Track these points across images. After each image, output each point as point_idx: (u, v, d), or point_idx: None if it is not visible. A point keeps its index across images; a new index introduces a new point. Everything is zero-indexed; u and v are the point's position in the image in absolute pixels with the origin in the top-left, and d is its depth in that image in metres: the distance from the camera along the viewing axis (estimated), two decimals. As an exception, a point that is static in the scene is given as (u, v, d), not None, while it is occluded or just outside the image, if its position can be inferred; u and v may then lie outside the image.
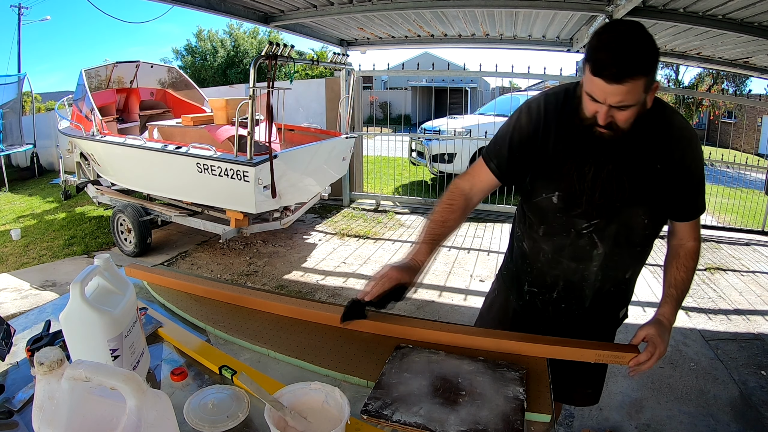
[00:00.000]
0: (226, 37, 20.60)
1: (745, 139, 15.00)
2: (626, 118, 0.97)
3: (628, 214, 1.07)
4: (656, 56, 0.93)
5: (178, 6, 3.97)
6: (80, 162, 5.48)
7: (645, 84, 0.92)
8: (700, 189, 1.11)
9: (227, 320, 1.14)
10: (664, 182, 1.06)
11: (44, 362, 0.58)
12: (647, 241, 1.15)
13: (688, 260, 1.14)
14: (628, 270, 1.19)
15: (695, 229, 1.15)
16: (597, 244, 1.11)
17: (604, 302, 1.21)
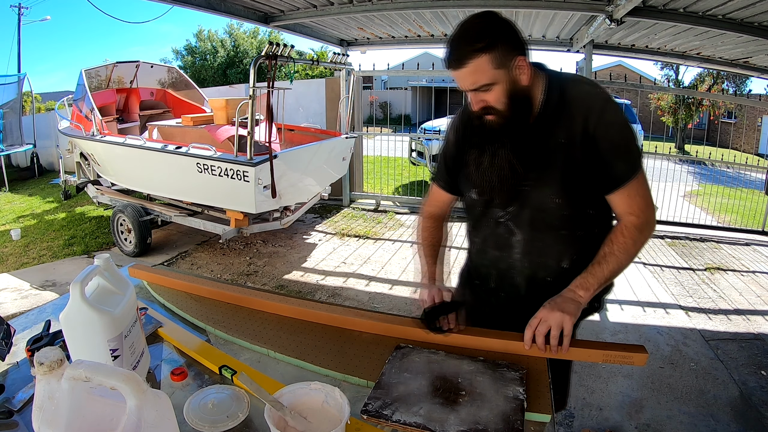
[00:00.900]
0: (226, 37, 20.60)
1: (745, 139, 15.00)
2: (496, 98, 0.99)
3: (537, 196, 1.06)
4: (494, 34, 0.94)
5: (178, 6, 3.97)
6: (80, 162, 5.49)
7: (492, 61, 0.94)
8: (618, 155, 1.03)
9: (227, 320, 1.14)
10: (572, 157, 1.02)
11: (44, 362, 0.58)
12: (569, 223, 1.09)
13: (618, 235, 1.06)
14: (561, 257, 1.12)
15: (631, 201, 1.05)
16: (514, 231, 1.12)
17: (545, 292, 1.12)
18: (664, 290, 3.66)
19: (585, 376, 2.48)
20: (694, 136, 15.74)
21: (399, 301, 3.38)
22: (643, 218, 1.05)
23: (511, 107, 1.00)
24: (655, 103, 15.17)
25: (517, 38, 0.99)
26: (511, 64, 0.97)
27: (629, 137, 1.04)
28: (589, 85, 1.08)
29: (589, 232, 1.11)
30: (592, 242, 1.11)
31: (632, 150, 1.04)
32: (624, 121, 1.04)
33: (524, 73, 0.99)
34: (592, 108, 1.02)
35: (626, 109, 7.56)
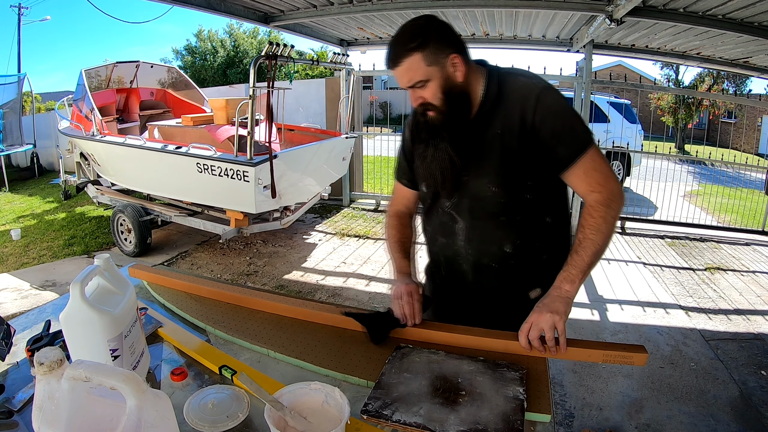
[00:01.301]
0: (226, 37, 20.59)
1: (745, 139, 15.00)
2: (431, 94, 1.04)
3: (475, 186, 1.11)
4: (426, 33, 1.00)
5: (178, 6, 3.97)
6: (80, 162, 5.49)
7: (424, 59, 1.00)
8: (560, 138, 1.05)
9: (227, 320, 1.14)
10: (508, 147, 1.06)
11: (44, 362, 0.58)
12: (507, 210, 1.11)
13: (587, 217, 1.06)
14: (503, 243, 1.14)
15: (588, 179, 1.06)
16: (456, 218, 1.16)
17: (491, 278, 1.18)
18: (664, 290, 3.66)
19: (585, 376, 2.49)
20: (694, 136, 15.73)
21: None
22: (606, 192, 1.06)
23: (447, 102, 1.05)
24: (655, 103, 15.16)
25: (451, 37, 1.04)
26: (445, 62, 1.02)
27: (570, 119, 1.06)
28: (526, 77, 1.11)
29: (528, 218, 1.14)
30: (533, 227, 1.15)
31: (576, 130, 1.06)
32: (562, 105, 1.06)
33: (459, 69, 1.04)
34: (528, 98, 1.05)
35: (626, 109, 7.56)
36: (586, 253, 1.04)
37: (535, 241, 1.16)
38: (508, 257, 1.16)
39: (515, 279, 1.20)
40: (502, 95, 1.07)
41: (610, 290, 3.65)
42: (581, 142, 1.05)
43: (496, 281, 1.19)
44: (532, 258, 1.18)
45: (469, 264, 1.19)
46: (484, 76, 1.09)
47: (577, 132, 1.06)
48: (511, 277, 1.19)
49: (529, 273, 1.19)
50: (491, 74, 1.10)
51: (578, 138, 1.06)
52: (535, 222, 1.15)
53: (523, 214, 1.13)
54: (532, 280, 1.20)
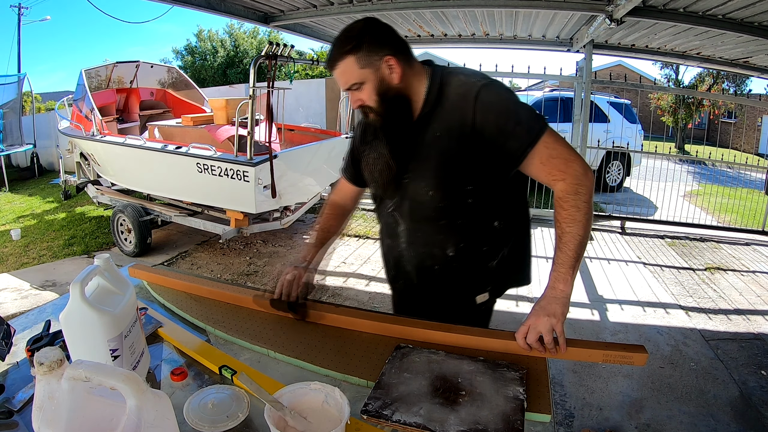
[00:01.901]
0: (226, 37, 20.58)
1: (745, 139, 15.00)
2: (367, 96, 1.03)
3: (414, 189, 1.09)
4: (361, 36, 1.00)
5: (178, 6, 3.97)
6: (80, 162, 5.49)
7: (358, 62, 1.00)
8: (507, 134, 1.00)
9: (227, 320, 1.14)
10: (446, 149, 1.03)
11: (44, 362, 0.58)
12: (446, 214, 1.09)
13: (559, 210, 1.02)
14: (444, 246, 1.12)
15: (548, 167, 1.02)
16: (398, 221, 1.16)
17: (434, 282, 1.17)
18: (664, 290, 3.66)
19: (585, 376, 2.49)
20: (694, 136, 15.73)
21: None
22: (570, 178, 1.01)
23: (382, 104, 1.04)
24: (655, 103, 15.16)
25: (388, 39, 1.03)
26: (379, 64, 1.01)
27: (514, 111, 1.02)
28: (465, 75, 1.07)
29: (472, 222, 1.11)
30: (479, 231, 1.12)
31: (522, 121, 1.01)
32: (503, 99, 1.02)
33: (394, 71, 1.02)
34: (466, 97, 1.01)
35: (626, 109, 7.56)
36: (569, 247, 1.00)
37: (481, 245, 1.14)
38: (451, 260, 1.14)
39: (460, 282, 1.18)
40: (443, 96, 1.04)
41: (610, 290, 3.65)
42: (530, 132, 1.00)
43: (440, 284, 1.18)
44: (478, 262, 1.16)
45: (413, 266, 1.19)
46: (428, 76, 1.07)
47: (525, 122, 1.01)
48: (456, 281, 1.18)
49: (475, 277, 1.18)
50: (434, 75, 1.07)
51: (527, 128, 1.01)
52: (480, 226, 1.12)
53: (465, 218, 1.10)
54: (479, 284, 1.19)
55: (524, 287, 1.34)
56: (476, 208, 1.09)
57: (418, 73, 1.07)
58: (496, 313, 1.37)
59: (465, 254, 1.13)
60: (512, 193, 1.16)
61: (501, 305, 3.93)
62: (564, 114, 6.72)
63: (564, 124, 6.53)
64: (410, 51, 1.07)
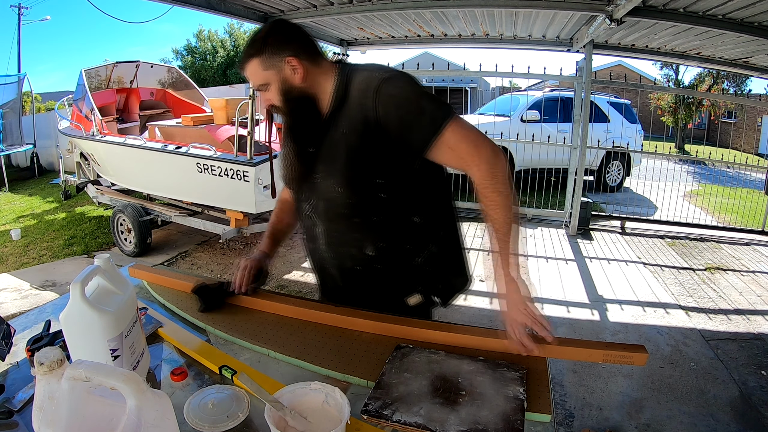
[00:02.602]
0: (226, 37, 20.59)
1: (745, 139, 15.00)
2: (273, 96, 1.06)
3: (324, 187, 1.09)
4: (264, 39, 1.02)
5: (178, 6, 3.96)
6: (80, 162, 5.49)
7: (261, 64, 1.03)
8: (410, 126, 1.00)
9: (227, 320, 1.14)
10: (353, 146, 1.03)
11: (44, 362, 0.58)
12: (359, 211, 1.08)
13: (482, 198, 1.01)
14: (363, 245, 1.11)
15: (458, 154, 1.01)
16: (316, 222, 1.15)
17: (359, 282, 1.16)
18: (664, 290, 3.66)
19: (585, 376, 2.49)
20: (694, 136, 15.73)
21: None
22: (483, 163, 0.99)
23: (286, 105, 1.06)
24: (655, 103, 15.16)
25: (293, 40, 1.04)
26: (281, 65, 1.02)
27: (417, 101, 1.00)
28: (368, 70, 1.05)
29: (388, 219, 1.09)
30: (398, 228, 1.10)
31: (425, 111, 1.00)
32: (405, 91, 1.00)
33: (297, 72, 1.03)
34: (368, 92, 1.00)
35: (626, 109, 7.56)
36: (502, 233, 1.00)
37: (402, 242, 1.12)
38: (373, 260, 1.12)
39: (386, 284, 1.16)
40: (348, 93, 1.04)
41: (610, 290, 3.65)
42: (434, 121, 0.99)
43: (365, 285, 1.17)
44: (402, 261, 1.14)
45: (335, 268, 1.19)
46: (336, 74, 1.06)
47: (428, 112, 1.00)
48: (381, 282, 1.16)
49: (401, 277, 1.15)
50: (341, 73, 1.06)
51: (430, 118, 0.99)
52: (398, 222, 1.10)
53: (380, 215, 1.08)
54: (407, 285, 1.17)
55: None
56: (391, 204, 1.08)
57: (326, 71, 1.07)
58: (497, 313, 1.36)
59: (386, 253, 1.12)
60: (430, 187, 1.12)
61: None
62: (564, 114, 6.72)
63: (564, 124, 6.53)
64: (317, 51, 1.07)
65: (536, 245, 4.73)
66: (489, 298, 3.44)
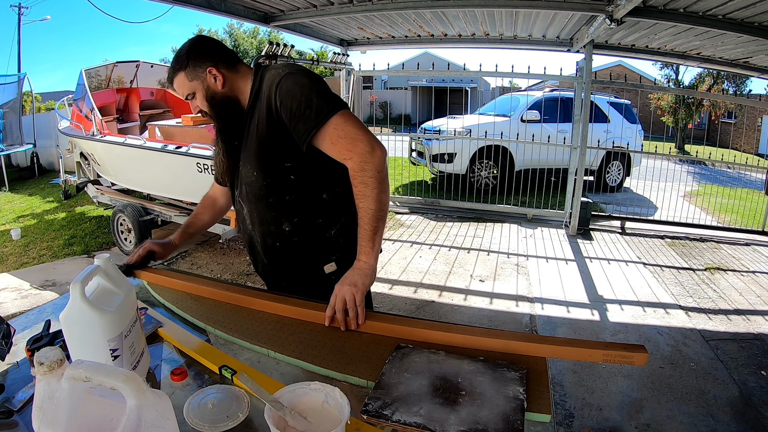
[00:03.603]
0: (226, 37, 20.62)
1: (745, 139, 15.00)
2: (200, 103, 1.20)
3: (244, 174, 1.23)
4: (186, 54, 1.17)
5: (178, 6, 3.96)
6: (80, 162, 5.49)
7: (186, 76, 1.17)
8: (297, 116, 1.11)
9: (227, 320, 1.14)
10: (261, 136, 1.17)
11: (44, 362, 0.58)
12: (273, 191, 1.21)
13: (353, 189, 1.13)
14: (280, 222, 1.24)
15: (337, 147, 1.11)
16: (242, 205, 1.29)
17: (279, 258, 1.29)
18: (664, 290, 3.66)
19: (585, 376, 2.49)
20: (694, 136, 15.74)
21: (399, 301, 3.38)
22: (356, 157, 1.10)
23: (213, 108, 1.20)
24: (655, 103, 15.17)
25: (212, 52, 1.19)
26: (204, 75, 1.17)
27: (308, 95, 1.10)
28: (276, 68, 1.18)
29: (300, 197, 1.22)
30: (310, 205, 1.24)
31: (312, 104, 1.10)
32: (299, 85, 1.11)
33: (218, 79, 1.18)
34: (271, 86, 1.13)
35: (626, 109, 7.56)
36: (365, 222, 1.11)
37: (314, 217, 1.25)
38: (290, 235, 1.25)
39: (304, 255, 1.28)
40: (260, 90, 1.17)
41: (610, 290, 3.65)
42: (319, 114, 1.09)
43: (285, 260, 1.29)
44: (316, 234, 1.26)
45: (261, 246, 1.30)
46: (252, 76, 1.21)
47: (315, 105, 1.10)
48: (299, 254, 1.28)
49: (317, 249, 1.27)
50: (257, 73, 1.21)
51: (316, 111, 1.09)
52: (310, 200, 1.23)
53: (292, 194, 1.21)
54: (323, 255, 1.29)
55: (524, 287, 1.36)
56: (300, 184, 1.21)
57: (245, 75, 1.22)
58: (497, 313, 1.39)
59: (301, 228, 1.25)
60: (336, 167, 1.18)
61: (500, 305, 3.90)
62: (564, 114, 6.72)
63: (564, 124, 6.53)
64: (235, 59, 1.24)
65: (536, 245, 4.73)
66: (489, 298, 3.44)
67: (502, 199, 6.03)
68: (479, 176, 6.70)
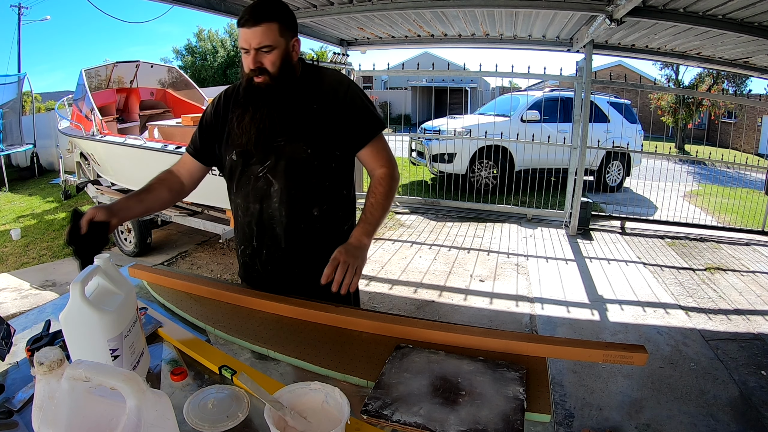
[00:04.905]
0: (226, 37, 20.61)
1: (745, 139, 15.00)
2: (272, 61, 1.18)
3: (291, 149, 1.23)
4: (284, 10, 1.20)
5: (178, 6, 3.96)
6: (80, 162, 5.49)
7: (279, 30, 1.17)
8: (362, 115, 1.29)
9: (227, 320, 1.14)
10: (323, 118, 1.24)
11: (44, 362, 0.58)
12: (317, 174, 1.26)
13: (377, 185, 1.30)
14: (312, 204, 1.27)
15: (377, 156, 1.31)
16: (272, 181, 1.26)
17: (300, 241, 1.29)
18: (664, 290, 3.66)
19: (585, 376, 2.49)
20: (694, 136, 15.74)
21: (399, 301, 3.38)
22: (391, 167, 1.33)
23: (281, 71, 1.20)
24: (655, 103, 15.17)
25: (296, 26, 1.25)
26: (290, 40, 1.21)
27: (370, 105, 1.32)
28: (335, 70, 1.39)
29: (332, 186, 1.30)
30: (336, 196, 1.31)
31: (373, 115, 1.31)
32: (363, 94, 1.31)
33: (296, 51, 1.25)
34: (341, 85, 1.29)
35: (626, 109, 7.56)
36: (378, 213, 1.27)
37: (338, 210, 1.33)
38: (315, 220, 1.29)
39: (321, 244, 1.30)
40: (320, 80, 1.29)
41: (610, 290, 3.65)
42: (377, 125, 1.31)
43: (305, 245, 1.30)
44: (335, 225, 1.33)
45: (282, 227, 1.28)
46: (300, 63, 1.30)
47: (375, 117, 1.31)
48: (318, 242, 1.30)
49: (332, 240, 1.29)
50: (305, 63, 1.32)
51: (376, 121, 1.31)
52: (337, 192, 1.32)
53: (329, 181, 1.29)
54: (334, 247, 1.27)
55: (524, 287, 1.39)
56: (337, 174, 1.30)
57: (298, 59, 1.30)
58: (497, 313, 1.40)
59: (326, 216, 1.30)
60: (352, 168, 1.36)
61: (500, 305, 3.90)
62: (564, 114, 6.72)
63: (564, 124, 6.53)
64: None
65: (536, 245, 4.73)
66: (489, 298, 3.44)
67: (502, 199, 6.03)
68: (479, 176, 6.70)
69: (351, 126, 1.27)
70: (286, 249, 1.30)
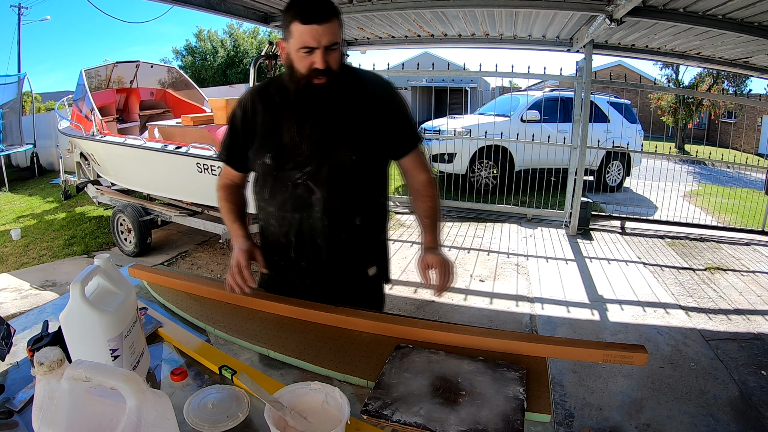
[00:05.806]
0: (226, 37, 20.58)
1: (745, 139, 15.00)
2: (336, 59, 1.12)
3: (336, 155, 1.17)
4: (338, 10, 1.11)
5: (178, 6, 3.96)
6: (80, 162, 5.49)
7: (339, 27, 1.11)
8: (407, 123, 1.27)
9: (227, 320, 1.14)
10: (368, 122, 1.19)
11: (44, 362, 0.58)
12: (361, 180, 1.22)
13: (426, 190, 1.30)
14: (355, 214, 1.23)
15: (419, 162, 1.30)
16: (313, 189, 1.18)
17: (342, 252, 1.24)
18: (664, 290, 3.66)
19: (585, 376, 2.49)
20: (694, 136, 15.74)
21: (399, 301, 3.38)
22: (430, 174, 1.33)
23: (340, 71, 1.14)
24: (655, 103, 15.16)
25: None
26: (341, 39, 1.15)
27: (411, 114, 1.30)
28: (376, 75, 1.34)
29: (372, 194, 1.27)
30: (375, 204, 1.29)
31: (415, 124, 1.31)
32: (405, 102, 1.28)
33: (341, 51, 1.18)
34: (386, 91, 1.25)
35: (626, 109, 7.56)
36: (436, 219, 1.29)
37: (377, 218, 1.30)
38: (357, 230, 1.24)
39: (360, 253, 1.28)
40: (361, 83, 1.21)
41: (610, 290, 3.65)
42: (418, 134, 1.32)
43: (346, 254, 1.26)
44: (373, 235, 1.30)
45: (324, 237, 1.22)
46: None
47: (415, 126, 1.31)
48: (357, 251, 1.28)
49: (370, 249, 1.30)
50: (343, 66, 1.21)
51: (412, 129, 1.29)
52: (376, 199, 1.29)
53: (371, 189, 1.27)
54: (371, 257, 1.32)
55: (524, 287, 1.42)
56: (377, 182, 1.28)
57: None
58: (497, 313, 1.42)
59: (366, 225, 1.26)
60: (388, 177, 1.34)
61: (500, 305, 3.89)
62: (564, 114, 6.72)
63: (564, 124, 6.53)
64: None
65: (536, 245, 4.73)
66: (489, 298, 3.44)
67: (502, 199, 6.03)
68: (479, 176, 6.70)
69: (397, 132, 1.24)
70: (326, 260, 1.23)
